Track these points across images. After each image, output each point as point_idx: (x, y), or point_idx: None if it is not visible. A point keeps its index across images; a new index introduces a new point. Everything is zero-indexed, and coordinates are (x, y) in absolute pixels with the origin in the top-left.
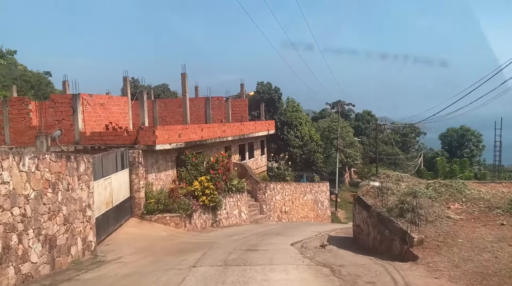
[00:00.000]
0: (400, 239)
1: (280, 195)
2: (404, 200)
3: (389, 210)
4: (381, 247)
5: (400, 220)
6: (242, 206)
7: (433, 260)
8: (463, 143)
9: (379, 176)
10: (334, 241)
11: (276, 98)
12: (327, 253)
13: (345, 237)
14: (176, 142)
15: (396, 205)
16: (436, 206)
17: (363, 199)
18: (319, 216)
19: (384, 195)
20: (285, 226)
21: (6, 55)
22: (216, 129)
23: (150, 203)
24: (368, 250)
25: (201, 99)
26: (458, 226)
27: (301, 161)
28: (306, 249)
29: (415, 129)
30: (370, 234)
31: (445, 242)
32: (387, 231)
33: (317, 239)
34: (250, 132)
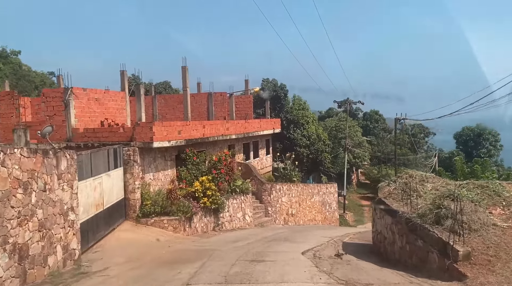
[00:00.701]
0: (439, 251)
1: (287, 196)
2: (441, 204)
3: (422, 216)
4: (411, 259)
5: (437, 228)
6: (246, 208)
7: (487, 280)
8: (479, 142)
9: (400, 175)
10: (350, 249)
11: (282, 96)
12: (346, 266)
13: (361, 244)
14: (176, 140)
15: (430, 210)
16: (480, 212)
17: (387, 203)
18: (327, 218)
19: (410, 197)
20: (293, 230)
21: (10, 56)
22: (219, 126)
23: (146, 205)
24: (394, 262)
25: (203, 95)
26: (509, 235)
27: (308, 161)
28: (320, 260)
29: (424, 129)
30: (396, 243)
31: (497, 257)
32: (420, 241)
33: (330, 246)
34: (255, 130)
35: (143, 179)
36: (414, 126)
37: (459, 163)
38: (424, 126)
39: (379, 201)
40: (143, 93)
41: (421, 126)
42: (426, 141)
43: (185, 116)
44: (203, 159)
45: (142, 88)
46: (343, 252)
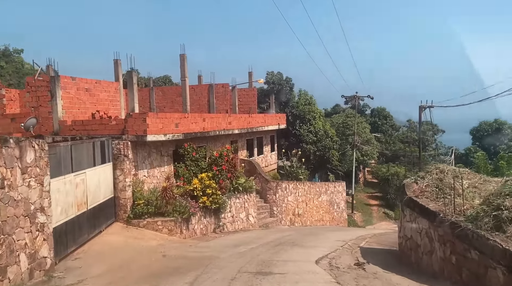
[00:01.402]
0: (506, 267)
1: (293, 195)
2: (501, 204)
3: (473, 220)
4: (459, 275)
5: (498, 236)
6: (250, 208)
7: None
8: (498, 138)
9: (429, 171)
10: (371, 256)
11: (288, 90)
12: (373, 280)
13: (383, 250)
14: (173, 133)
15: (485, 212)
16: None
17: (420, 203)
18: (334, 219)
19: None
20: (301, 232)
21: (13, 54)
22: (221, 120)
23: (138, 205)
24: (433, 275)
25: (204, 86)
26: None
27: (314, 158)
28: (339, 271)
29: (433, 127)
30: (436, 252)
31: None
32: (473, 252)
33: (346, 252)
34: (259, 125)
35: (136, 176)
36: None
37: (482, 159)
38: (433, 123)
39: (409, 201)
40: (136, 81)
41: (430, 124)
42: (435, 139)
43: (183, 108)
44: (203, 155)
45: (134, 76)
46: (364, 261)
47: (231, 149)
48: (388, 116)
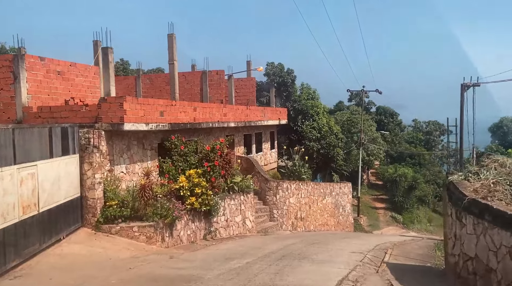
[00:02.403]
0: None
1: (295, 197)
2: None
3: None
4: None
5: None
6: (247, 211)
7: None
8: None
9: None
10: (407, 279)
11: (289, 82)
12: None
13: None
14: (157, 122)
15: None
16: None
17: (497, 208)
18: (340, 223)
19: None
20: (306, 239)
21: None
22: (214, 110)
23: (110, 207)
24: None
25: (196, 73)
26: None
27: (318, 157)
28: None
29: (440, 127)
30: None
31: None
32: None
33: (370, 271)
34: (258, 119)
35: (111, 172)
36: (429, 123)
37: None
38: (439, 123)
39: (472, 204)
40: (112, 61)
41: (436, 124)
42: (441, 139)
43: (171, 96)
44: (193, 149)
45: (110, 53)
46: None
47: (225, 142)
48: (394, 114)
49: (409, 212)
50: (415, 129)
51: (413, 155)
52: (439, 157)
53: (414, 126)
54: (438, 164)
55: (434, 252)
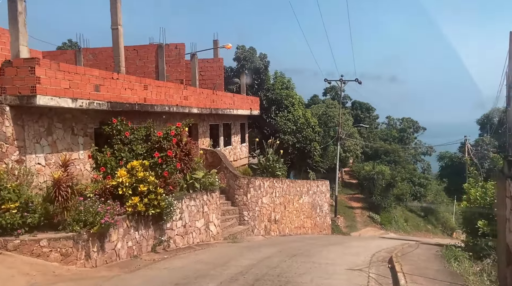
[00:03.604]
0: None
1: (269, 196)
2: None
3: None
4: None
5: None
6: (211, 214)
7: None
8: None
9: None
10: None
11: (262, 68)
12: None
13: None
14: (90, 99)
15: None
16: None
17: None
18: (317, 225)
19: None
20: (284, 249)
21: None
22: (173, 91)
23: (6, 212)
24: None
25: (151, 47)
26: None
27: (293, 152)
28: None
29: (414, 124)
30: None
31: None
32: None
33: None
34: (227, 107)
35: (20, 162)
36: (403, 120)
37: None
38: (413, 120)
39: None
40: (22, 11)
41: (410, 121)
42: (415, 136)
43: (115, 70)
44: (141, 137)
45: (20, 2)
46: None
47: (182, 126)
48: (371, 109)
49: (386, 212)
50: (388, 126)
51: (388, 152)
52: (412, 155)
53: (388, 123)
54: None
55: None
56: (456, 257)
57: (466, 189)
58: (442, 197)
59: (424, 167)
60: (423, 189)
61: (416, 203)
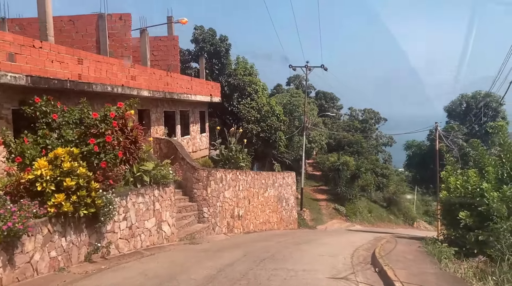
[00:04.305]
0: None
1: (232, 190)
2: None
3: None
4: None
5: None
6: (164, 212)
7: None
8: (483, 114)
9: None
10: None
11: (223, 52)
12: None
13: None
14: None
15: None
16: None
17: None
18: (283, 219)
19: None
20: (250, 251)
21: None
22: (116, 69)
23: None
24: None
25: (90, 18)
26: None
27: (258, 142)
28: None
29: (375, 115)
30: None
31: None
32: None
33: None
34: (184, 91)
35: None
36: (365, 111)
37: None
38: (374, 111)
39: None
40: None
41: (371, 112)
42: (377, 128)
43: (41, 39)
44: (74, 120)
45: None
46: None
47: (124, 107)
48: (335, 98)
49: (352, 203)
50: (351, 117)
51: (351, 143)
52: (373, 146)
53: (350, 114)
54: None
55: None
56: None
57: (444, 178)
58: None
59: (386, 158)
60: (386, 179)
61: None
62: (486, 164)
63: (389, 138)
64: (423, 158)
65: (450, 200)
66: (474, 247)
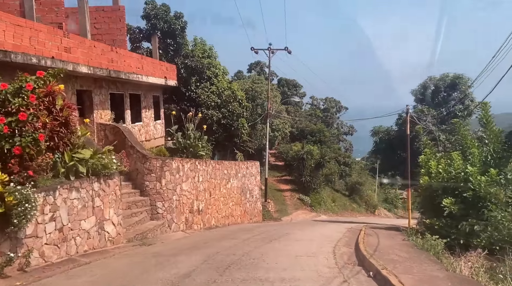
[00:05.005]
0: None
1: (190, 181)
2: None
3: None
4: None
5: None
6: (107, 209)
7: None
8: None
9: None
10: None
11: (178, 30)
12: None
13: None
14: None
15: None
16: None
17: None
18: (247, 212)
19: None
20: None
21: None
22: (44, 37)
23: None
24: None
25: None
26: None
27: (219, 129)
28: None
29: (336, 104)
30: None
31: None
32: None
33: None
34: (133, 71)
35: None
36: (327, 100)
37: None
38: (336, 100)
39: None
40: None
41: (333, 101)
42: (338, 117)
43: None
44: None
45: None
46: None
47: (47, 77)
48: (298, 86)
49: (316, 193)
50: (312, 106)
51: (314, 132)
52: (335, 135)
53: (312, 103)
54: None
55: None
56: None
57: (422, 162)
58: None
59: (347, 147)
60: (348, 168)
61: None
62: (469, 146)
63: (349, 127)
64: (390, 144)
65: (432, 186)
66: (461, 238)
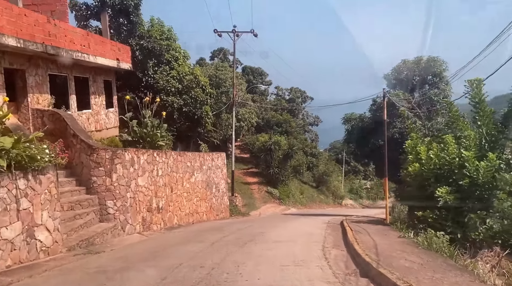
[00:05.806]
0: None
1: (148, 176)
2: None
3: None
4: None
5: None
6: (38, 211)
7: None
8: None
9: None
10: None
11: (132, 7)
12: None
13: None
14: None
15: None
16: None
17: None
18: (213, 208)
19: None
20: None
21: None
22: None
23: None
24: None
25: None
26: None
27: (181, 118)
28: None
29: (302, 94)
30: None
31: None
32: None
33: None
34: (78, 49)
35: None
36: (292, 90)
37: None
38: (301, 90)
39: None
40: None
41: (298, 91)
42: (303, 107)
43: None
44: None
45: None
46: None
47: None
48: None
49: (284, 185)
50: (277, 97)
51: (280, 123)
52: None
53: (277, 93)
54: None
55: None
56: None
57: (408, 147)
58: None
59: (313, 138)
60: (315, 159)
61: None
62: (461, 128)
63: (315, 118)
64: (362, 132)
65: (423, 174)
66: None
